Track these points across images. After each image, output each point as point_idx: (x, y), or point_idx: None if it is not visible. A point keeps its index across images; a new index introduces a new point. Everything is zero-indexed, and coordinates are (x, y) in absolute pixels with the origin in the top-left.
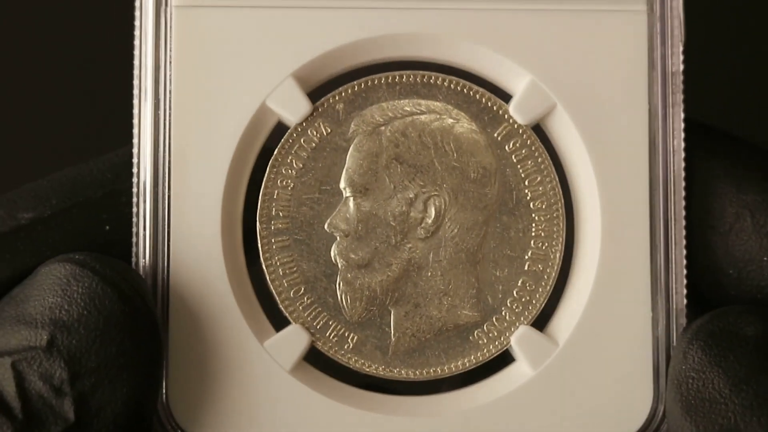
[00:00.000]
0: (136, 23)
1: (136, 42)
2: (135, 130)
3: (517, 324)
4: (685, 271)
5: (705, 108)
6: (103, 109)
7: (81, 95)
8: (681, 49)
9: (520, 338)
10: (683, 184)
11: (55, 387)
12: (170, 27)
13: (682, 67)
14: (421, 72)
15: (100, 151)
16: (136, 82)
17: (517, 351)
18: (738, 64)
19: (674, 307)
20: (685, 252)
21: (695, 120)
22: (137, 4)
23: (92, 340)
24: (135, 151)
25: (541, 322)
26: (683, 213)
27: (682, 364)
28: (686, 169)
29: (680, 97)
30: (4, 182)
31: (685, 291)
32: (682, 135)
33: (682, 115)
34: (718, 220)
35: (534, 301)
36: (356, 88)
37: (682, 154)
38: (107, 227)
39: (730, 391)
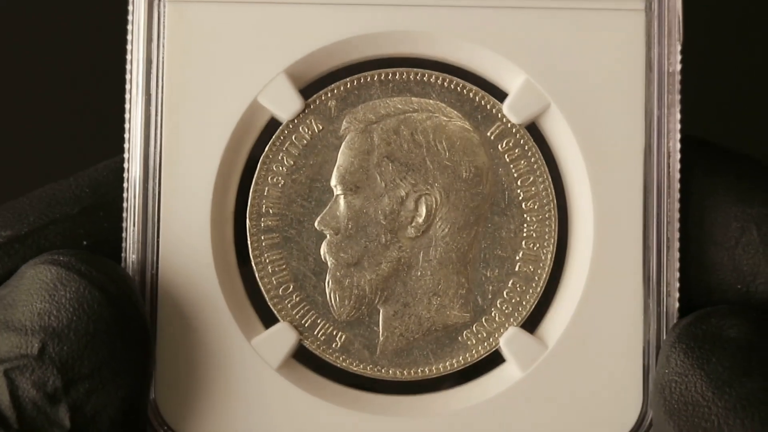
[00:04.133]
0: (130, 18)
1: (129, 37)
2: (126, 125)
3: (507, 325)
4: (677, 275)
5: (702, 111)
6: (94, 108)
7: (72, 94)
8: (679, 48)
9: (510, 340)
10: (678, 186)
11: (49, 395)
12: (163, 22)
13: (679, 67)
14: (414, 69)
15: (89, 152)
16: (128, 76)
17: (506, 352)
18: (737, 67)
19: (666, 310)
20: (678, 255)
21: (695, 136)
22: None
23: (83, 345)
24: (126, 146)
25: (532, 324)
26: (677, 215)
27: (665, 368)
28: (687, 185)
29: (677, 97)
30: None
31: (677, 294)
32: (678, 136)
33: (679, 116)
34: (723, 236)
35: (524, 303)
36: (349, 86)
37: (678, 156)
38: (84, 242)
39: (713, 394)
